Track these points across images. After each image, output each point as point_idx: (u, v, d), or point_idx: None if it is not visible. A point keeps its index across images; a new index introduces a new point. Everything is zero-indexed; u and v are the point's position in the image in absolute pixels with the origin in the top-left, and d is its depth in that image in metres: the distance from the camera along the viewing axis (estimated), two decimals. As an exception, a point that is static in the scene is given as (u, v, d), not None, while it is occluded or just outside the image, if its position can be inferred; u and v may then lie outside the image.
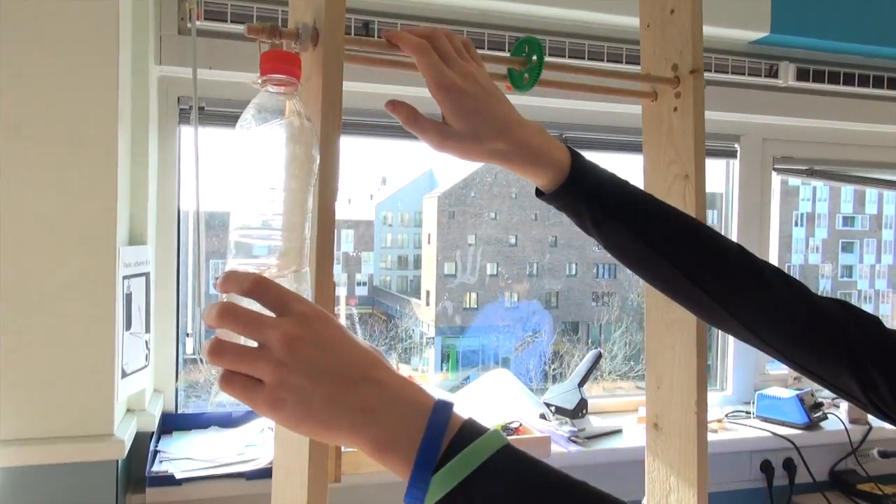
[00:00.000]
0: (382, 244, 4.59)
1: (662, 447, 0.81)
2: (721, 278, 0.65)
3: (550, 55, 1.66)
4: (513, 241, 3.75)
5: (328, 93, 0.55)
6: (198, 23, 1.42)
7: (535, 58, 0.68)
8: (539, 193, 0.68)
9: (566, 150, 0.67)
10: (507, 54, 0.76)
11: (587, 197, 0.65)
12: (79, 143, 1.22)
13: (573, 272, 3.69)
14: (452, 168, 3.94)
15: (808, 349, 0.65)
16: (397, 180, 4.77)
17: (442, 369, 3.57)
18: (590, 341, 3.47)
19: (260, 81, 0.52)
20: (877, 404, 0.65)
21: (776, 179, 2.13)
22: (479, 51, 0.62)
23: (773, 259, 2.16)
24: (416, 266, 4.42)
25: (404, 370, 3.39)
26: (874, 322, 0.66)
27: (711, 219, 2.29)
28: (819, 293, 0.67)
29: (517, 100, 0.67)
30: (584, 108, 1.82)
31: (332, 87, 0.55)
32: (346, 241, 4.35)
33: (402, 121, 0.62)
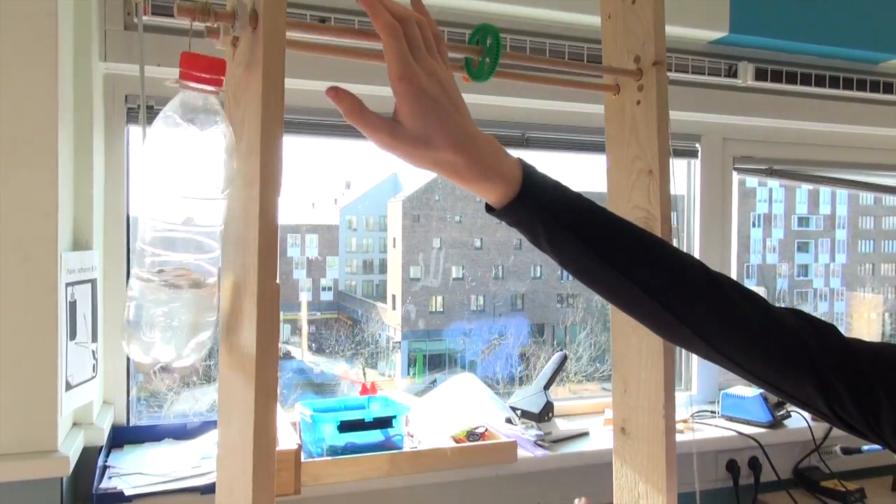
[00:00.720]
0: (347, 248, 4.54)
1: (630, 452, 0.78)
2: (679, 293, 0.63)
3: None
4: (478, 243, 3.74)
5: (269, 79, 0.51)
6: (144, 18, 1.36)
7: (490, 42, 0.64)
8: (489, 209, 0.65)
9: (517, 163, 0.64)
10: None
11: (539, 212, 0.62)
12: (16, 144, 1.16)
13: (538, 274, 3.69)
14: (417, 172, 3.92)
15: (769, 363, 0.63)
16: (361, 184, 4.72)
17: (409, 374, 3.53)
18: (555, 343, 3.48)
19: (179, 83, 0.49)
20: (840, 415, 0.63)
21: (734, 181, 2.15)
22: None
23: (733, 259, 2.17)
24: (382, 270, 4.38)
25: (371, 375, 3.35)
26: (831, 331, 0.65)
27: (673, 220, 2.30)
28: (777, 291, 0.66)
29: (478, 99, 0.64)
30: (546, 108, 1.80)
31: (273, 73, 0.51)
32: (310, 246, 4.29)
33: (343, 112, 0.56)
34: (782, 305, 0.66)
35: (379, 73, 0.59)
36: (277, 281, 0.52)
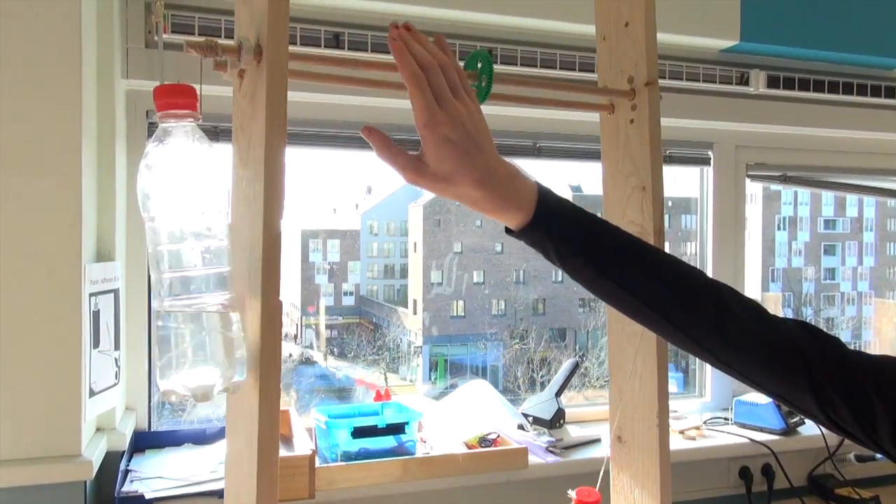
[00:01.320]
0: (368, 253, 4.58)
1: (626, 460, 0.80)
2: (682, 307, 0.67)
3: (502, 63, 1.64)
4: (498, 248, 3.75)
5: (272, 108, 0.54)
6: (165, 36, 1.41)
7: (483, 75, 0.68)
8: (508, 230, 0.70)
9: (534, 188, 0.68)
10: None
11: (551, 237, 0.67)
12: (42, 158, 1.21)
13: (559, 278, 3.69)
14: None
15: (766, 370, 0.66)
16: (382, 189, 4.76)
17: (430, 378, 3.55)
18: (577, 348, 3.47)
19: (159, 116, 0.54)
20: (839, 424, 0.65)
21: (756, 185, 2.16)
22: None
23: (757, 263, 2.18)
24: (403, 275, 4.41)
25: (392, 380, 3.37)
26: (834, 344, 0.67)
27: (686, 223, 2.30)
28: (803, 295, 0.68)
29: (491, 110, 0.68)
30: (556, 118, 1.82)
31: (275, 103, 0.54)
32: (331, 251, 4.34)
33: (375, 149, 0.62)
34: (790, 316, 0.69)
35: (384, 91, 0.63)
36: (280, 298, 0.55)
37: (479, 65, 0.68)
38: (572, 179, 3.63)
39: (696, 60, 1.90)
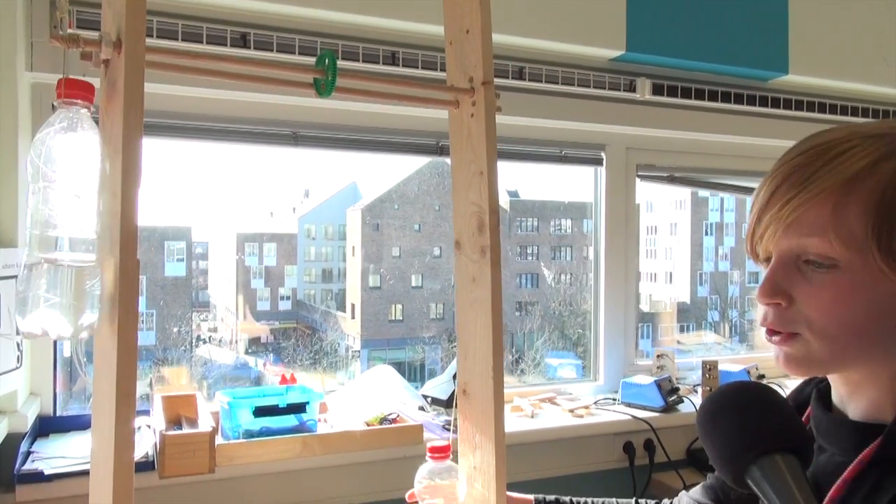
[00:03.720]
0: (306, 257, 4.58)
1: (469, 410, 0.92)
2: None
3: (344, 59, 1.69)
4: (437, 252, 3.83)
5: (129, 95, 0.63)
6: (69, 31, 1.46)
7: (329, 71, 0.78)
8: None
9: None
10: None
11: None
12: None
13: None
14: (376, 181, 3.99)
15: None
16: (320, 193, 4.78)
17: (369, 382, 3.58)
18: (514, 349, 3.58)
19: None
20: None
21: (685, 191, 2.33)
22: (272, 55, 0.68)
23: (685, 267, 2.35)
24: (341, 279, 4.43)
25: (330, 384, 3.41)
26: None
27: (585, 227, 2.46)
28: (728, 298, 0.86)
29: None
30: (399, 114, 1.87)
31: (133, 90, 0.63)
32: (268, 255, 4.33)
33: None
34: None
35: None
36: (138, 257, 0.64)
37: (326, 62, 0.79)
38: (510, 185, 3.76)
39: (587, 68, 2.06)
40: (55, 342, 1.63)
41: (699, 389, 2.14)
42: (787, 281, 0.65)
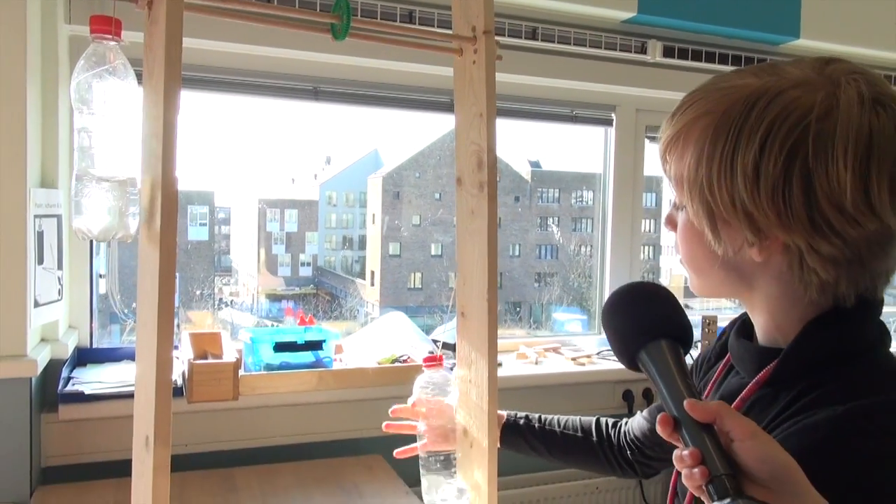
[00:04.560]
0: (327, 224, 4.66)
1: (466, 330, 1.02)
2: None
3: (363, 16, 1.74)
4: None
5: (170, 28, 0.73)
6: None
7: (343, 14, 0.87)
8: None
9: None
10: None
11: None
12: (-10, 95, 1.36)
13: (516, 253, 3.85)
14: (397, 149, 4.05)
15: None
16: (342, 160, 4.84)
17: (387, 350, 3.68)
18: (532, 321, 3.66)
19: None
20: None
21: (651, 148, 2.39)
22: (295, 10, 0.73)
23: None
24: (361, 247, 4.52)
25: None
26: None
27: (591, 197, 2.53)
28: None
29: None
30: (414, 71, 1.94)
31: (173, 27, 0.73)
32: (289, 221, 4.43)
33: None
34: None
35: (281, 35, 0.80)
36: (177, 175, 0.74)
37: (342, 7, 0.87)
38: (531, 155, 3.81)
39: (598, 29, 2.11)
40: (91, 279, 1.76)
41: (699, 344, 2.22)
42: (675, 213, 0.75)
